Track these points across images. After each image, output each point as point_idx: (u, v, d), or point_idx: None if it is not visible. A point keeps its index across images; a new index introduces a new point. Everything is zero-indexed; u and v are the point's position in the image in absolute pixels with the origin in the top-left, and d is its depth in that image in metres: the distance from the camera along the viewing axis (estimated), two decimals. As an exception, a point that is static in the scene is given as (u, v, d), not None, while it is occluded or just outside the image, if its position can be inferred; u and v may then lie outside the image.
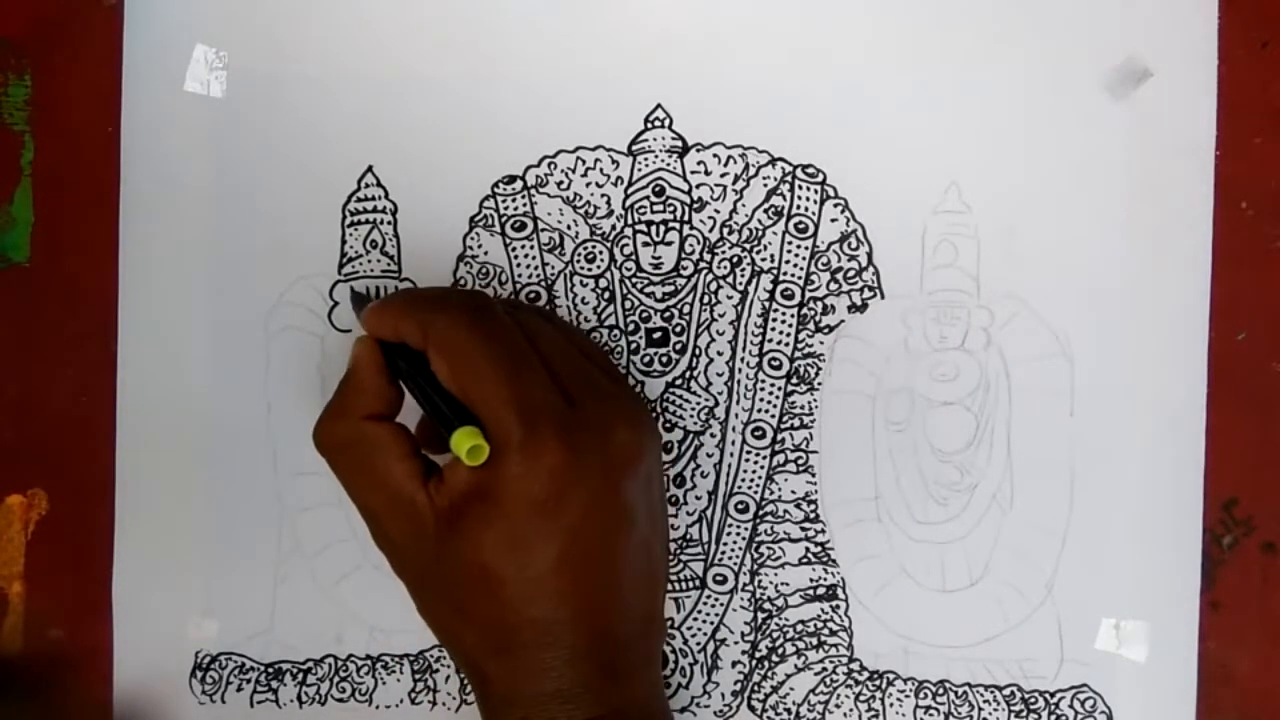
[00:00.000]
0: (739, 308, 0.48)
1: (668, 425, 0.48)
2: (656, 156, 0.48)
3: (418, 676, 0.49)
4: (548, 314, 0.47)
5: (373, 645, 0.49)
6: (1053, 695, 0.47)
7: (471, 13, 0.48)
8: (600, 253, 0.48)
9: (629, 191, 0.48)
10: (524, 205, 0.48)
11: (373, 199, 0.48)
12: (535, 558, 0.39)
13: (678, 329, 0.48)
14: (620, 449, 0.41)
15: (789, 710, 0.48)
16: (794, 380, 0.48)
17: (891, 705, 0.48)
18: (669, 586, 0.48)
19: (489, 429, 0.39)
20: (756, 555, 0.48)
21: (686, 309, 0.48)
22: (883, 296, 0.48)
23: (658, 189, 0.48)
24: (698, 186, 0.48)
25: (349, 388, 0.42)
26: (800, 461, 0.48)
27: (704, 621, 0.48)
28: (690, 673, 0.48)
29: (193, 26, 0.48)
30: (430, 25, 0.48)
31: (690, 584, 0.48)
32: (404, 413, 0.42)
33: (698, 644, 0.48)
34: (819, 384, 0.48)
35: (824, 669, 0.48)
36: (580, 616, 0.40)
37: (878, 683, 0.48)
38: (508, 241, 0.48)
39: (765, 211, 0.48)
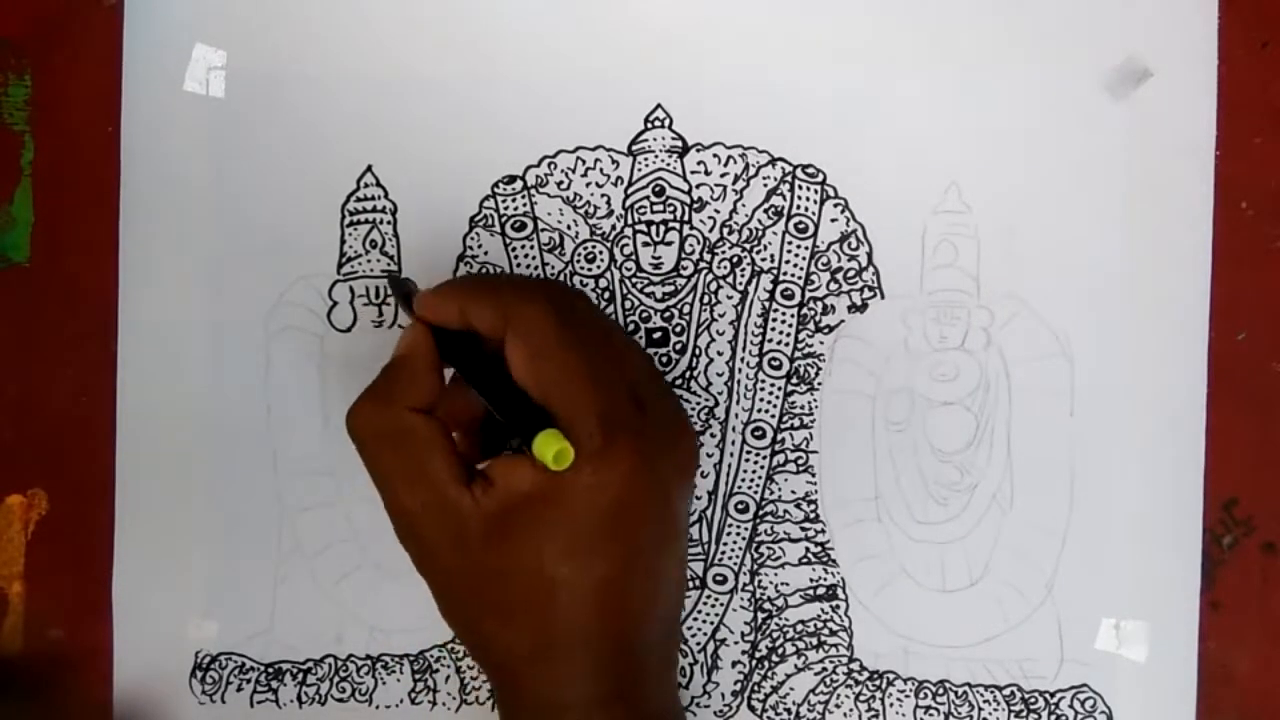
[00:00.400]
0: (739, 308, 0.48)
1: (668, 425, 0.48)
2: (656, 156, 0.48)
3: (418, 676, 0.49)
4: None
5: (373, 645, 0.49)
6: (1053, 695, 0.47)
7: (471, 13, 0.48)
8: (600, 253, 0.48)
9: (629, 191, 0.48)
10: (524, 205, 0.48)
11: (372, 199, 0.48)
12: (595, 566, 0.38)
13: (678, 329, 0.48)
14: (682, 457, 0.40)
15: (789, 710, 0.48)
16: (794, 380, 0.48)
17: (891, 705, 0.47)
18: (669, 586, 0.48)
19: (565, 431, 0.37)
20: (756, 555, 0.48)
21: (686, 309, 0.48)
22: (883, 296, 0.47)
23: (658, 189, 0.48)
24: (698, 186, 0.48)
25: (397, 374, 0.40)
26: (800, 461, 0.48)
27: (704, 621, 0.48)
28: (690, 673, 0.48)
29: (193, 26, 0.48)
30: (430, 25, 0.48)
31: (690, 584, 0.48)
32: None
33: (698, 644, 0.48)
34: (819, 384, 0.48)
35: (824, 669, 0.48)
36: (627, 624, 0.40)
37: (878, 683, 0.48)
38: (508, 241, 0.48)
39: (765, 211, 0.48)
